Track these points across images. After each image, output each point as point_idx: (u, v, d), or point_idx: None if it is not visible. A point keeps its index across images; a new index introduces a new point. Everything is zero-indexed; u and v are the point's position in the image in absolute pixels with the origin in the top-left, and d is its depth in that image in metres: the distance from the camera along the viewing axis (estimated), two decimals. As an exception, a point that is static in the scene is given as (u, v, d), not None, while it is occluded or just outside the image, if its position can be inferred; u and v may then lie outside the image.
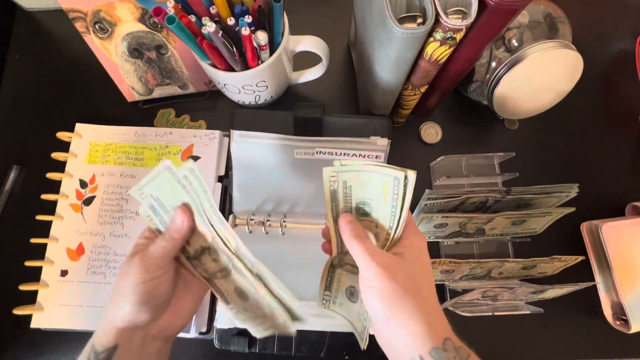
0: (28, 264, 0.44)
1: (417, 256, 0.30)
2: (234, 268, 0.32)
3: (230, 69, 0.41)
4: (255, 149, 0.46)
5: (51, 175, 0.47)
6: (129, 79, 0.49)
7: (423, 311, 0.27)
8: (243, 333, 0.44)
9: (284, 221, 0.45)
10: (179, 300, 0.32)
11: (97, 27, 0.43)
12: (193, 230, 0.31)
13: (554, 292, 0.43)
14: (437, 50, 0.34)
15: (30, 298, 0.44)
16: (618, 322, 0.47)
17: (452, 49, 0.34)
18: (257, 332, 0.33)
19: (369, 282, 0.28)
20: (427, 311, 0.27)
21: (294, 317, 0.32)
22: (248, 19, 0.36)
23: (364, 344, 0.33)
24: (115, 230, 0.46)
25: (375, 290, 0.27)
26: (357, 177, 0.30)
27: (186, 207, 0.31)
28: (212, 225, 0.31)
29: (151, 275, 0.29)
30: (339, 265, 0.34)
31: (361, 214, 0.32)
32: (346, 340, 0.43)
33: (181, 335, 0.42)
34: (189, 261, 0.33)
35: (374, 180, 0.29)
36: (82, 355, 0.30)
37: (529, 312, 0.45)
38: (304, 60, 0.48)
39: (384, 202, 0.30)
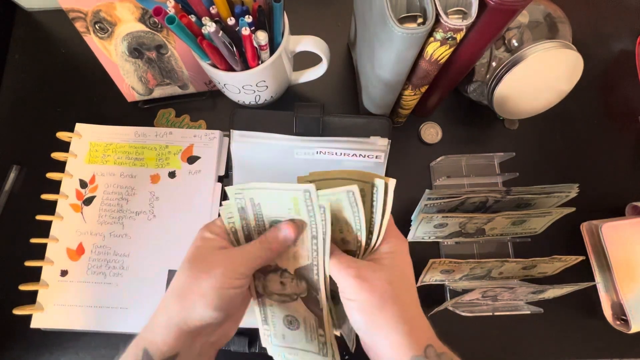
0: (28, 264, 0.44)
1: (396, 261, 0.29)
2: (306, 299, 0.30)
3: (230, 69, 0.41)
4: (255, 149, 0.46)
5: (51, 175, 0.47)
6: (129, 79, 0.49)
7: (403, 320, 0.27)
8: (243, 333, 0.44)
9: (284, 221, 0.45)
10: (238, 309, 0.31)
11: (97, 27, 0.43)
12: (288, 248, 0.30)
13: (554, 292, 0.43)
14: (437, 50, 0.34)
15: (30, 298, 0.44)
16: (618, 322, 0.47)
17: (452, 49, 0.34)
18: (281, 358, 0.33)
19: (347, 295, 0.27)
20: (408, 319, 0.27)
21: None
22: (248, 19, 0.36)
23: (352, 346, 0.34)
24: (115, 230, 0.46)
25: (354, 302, 0.27)
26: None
27: (296, 224, 0.28)
28: (317, 256, 0.29)
29: (238, 282, 0.27)
30: None
31: None
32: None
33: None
34: None
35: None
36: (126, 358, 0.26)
37: (529, 312, 0.45)
38: (304, 60, 0.48)
39: (343, 212, 0.29)
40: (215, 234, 0.29)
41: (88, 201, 0.47)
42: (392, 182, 0.28)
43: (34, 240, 0.45)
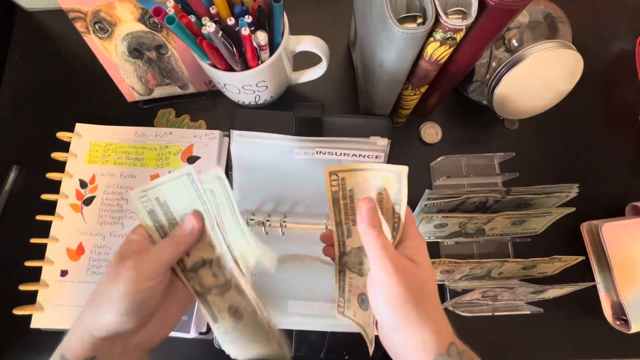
0: (28, 264, 0.44)
1: (425, 260, 0.29)
2: (235, 286, 0.31)
3: (230, 69, 0.41)
4: (255, 149, 0.46)
5: (51, 175, 0.47)
6: (129, 79, 0.49)
7: (431, 318, 0.27)
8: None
9: (284, 221, 0.45)
10: (165, 310, 0.30)
11: (97, 27, 0.43)
12: (198, 240, 0.30)
13: (554, 292, 0.43)
14: (437, 50, 0.34)
15: (30, 298, 0.44)
16: (618, 322, 0.47)
17: (452, 49, 0.34)
18: (243, 355, 0.32)
19: (380, 285, 0.27)
20: (434, 318, 0.27)
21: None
22: (248, 19, 0.36)
23: (371, 349, 0.33)
24: (115, 230, 0.46)
25: (385, 295, 0.27)
26: (358, 177, 0.30)
27: (198, 214, 0.29)
28: (224, 239, 0.30)
29: (146, 284, 0.27)
30: (344, 269, 0.33)
31: None
32: (346, 340, 0.43)
33: (181, 335, 0.42)
34: (183, 273, 0.31)
35: (375, 178, 0.29)
36: None
37: (529, 312, 0.45)
38: (304, 60, 0.48)
39: (389, 199, 0.30)
40: (139, 235, 0.30)
41: (88, 201, 0.47)
42: (405, 169, 0.29)
43: (34, 240, 0.45)
